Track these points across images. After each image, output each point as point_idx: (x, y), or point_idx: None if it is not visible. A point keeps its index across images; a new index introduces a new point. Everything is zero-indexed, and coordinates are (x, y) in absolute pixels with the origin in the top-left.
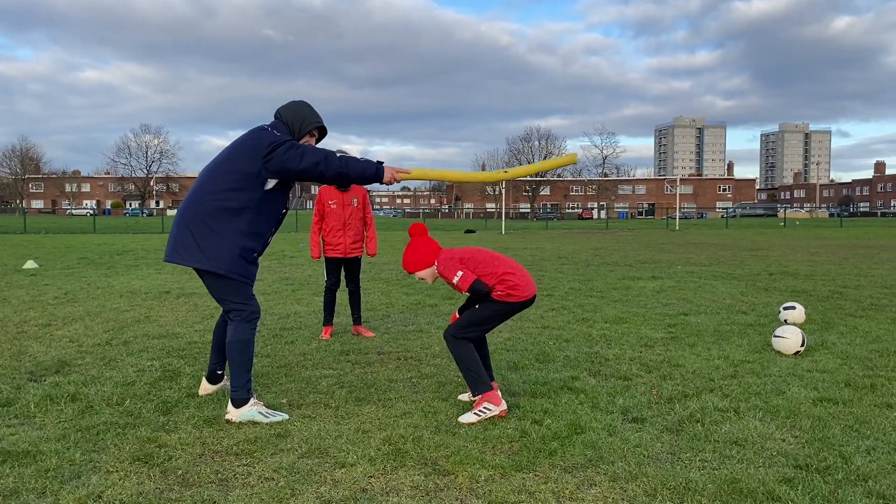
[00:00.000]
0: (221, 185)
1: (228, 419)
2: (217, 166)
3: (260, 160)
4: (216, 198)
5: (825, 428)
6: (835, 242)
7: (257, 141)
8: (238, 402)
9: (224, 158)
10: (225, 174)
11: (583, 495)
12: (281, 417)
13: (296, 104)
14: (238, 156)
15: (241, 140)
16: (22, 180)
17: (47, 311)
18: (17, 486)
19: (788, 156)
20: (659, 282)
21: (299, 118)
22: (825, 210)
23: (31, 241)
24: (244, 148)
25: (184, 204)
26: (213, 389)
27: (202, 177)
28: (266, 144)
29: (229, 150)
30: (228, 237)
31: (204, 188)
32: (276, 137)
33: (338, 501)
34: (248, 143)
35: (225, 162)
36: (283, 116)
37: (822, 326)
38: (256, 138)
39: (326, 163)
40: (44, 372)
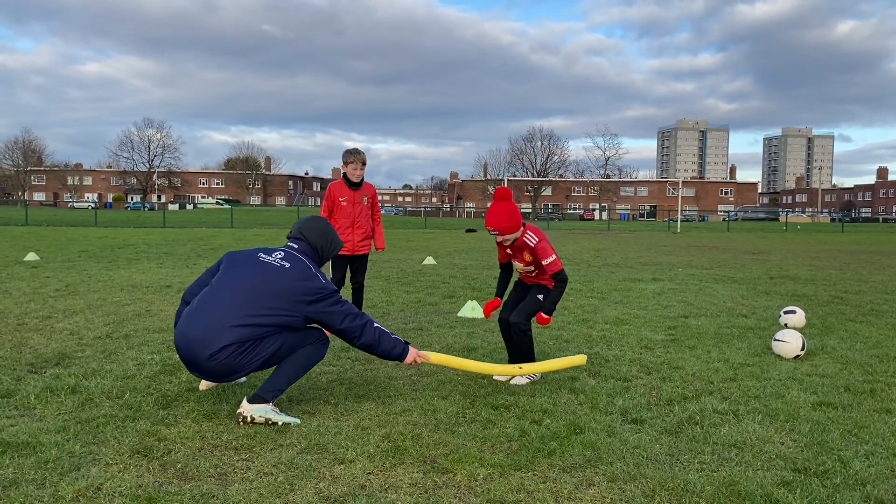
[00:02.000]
0: (254, 321)
1: (241, 413)
2: (262, 294)
3: (304, 306)
4: (249, 331)
5: (824, 432)
6: (836, 247)
7: (304, 285)
8: (257, 400)
9: (256, 293)
10: (260, 310)
11: (581, 495)
12: (292, 420)
13: (322, 227)
14: (284, 295)
15: (289, 275)
16: (24, 172)
17: (48, 304)
18: (16, 476)
19: (791, 160)
20: (660, 284)
21: (328, 242)
22: (827, 215)
23: (33, 234)
24: (288, 289)
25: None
26: (213, 385)
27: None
28: (313, 292)
29: (269, 278)
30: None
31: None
32: (322, 287)
33: (336, 497)
34: (293, 285)
35: (257, 297)
36: (310, 240)
37: (822, 331)
38: (303, 282)
39: (362, 332)
40: (44, 364)
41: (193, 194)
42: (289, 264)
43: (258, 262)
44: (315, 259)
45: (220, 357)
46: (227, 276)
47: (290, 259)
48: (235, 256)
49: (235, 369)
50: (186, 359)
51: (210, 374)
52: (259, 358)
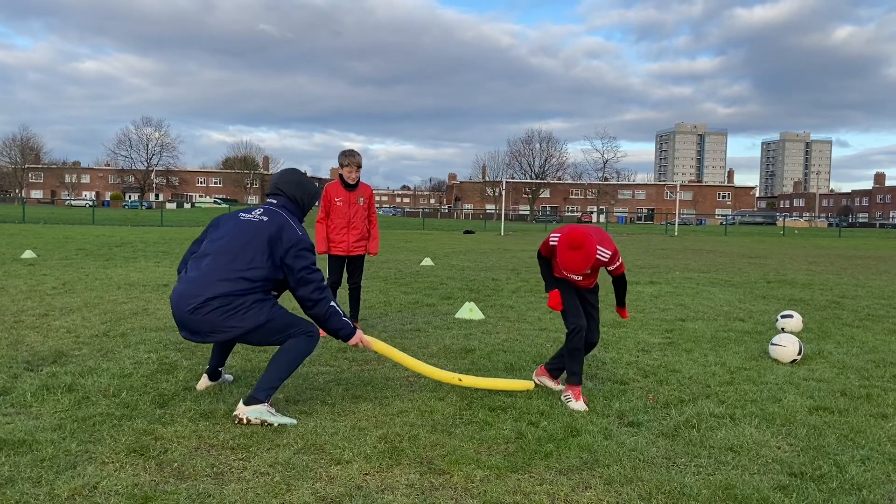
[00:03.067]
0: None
1: (236, 414)
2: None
3: (279, 252)
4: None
5: (820, 436)
6: (833, 252)
7: (279, 235)
8: (252, 402)
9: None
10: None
11: (577, 498)
12: (289, 421)
13: (298, 179)
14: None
15: (267, 227)
16: (22, 170)
17: (45, 301)
18: (12, 474)
19: (789, 165)
20: (657, 287)
21: (305, 193)
22: (824, 220)
23: (30, 231)
24: (266, 239)
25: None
26: (211, 385)
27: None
28: (288, 239)
29: (255, 233)
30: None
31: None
32: (301, 239)
33: (333, 498)
34: (271, 235)
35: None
36: (287, 193)
37: (819, 335)
38: (280, 231)
39: (317, 304)
40: (41, 362)
41: (191, 193)
42: (267, 218)
43: (239, 222)
44: (295, 212)
45: (203, 310)
46: (212, 239)
47: (268, 214)
48: (219, 220)
49: (217, 327)
50: (176, 317)
51: (193, 328)
52: (244, 323)
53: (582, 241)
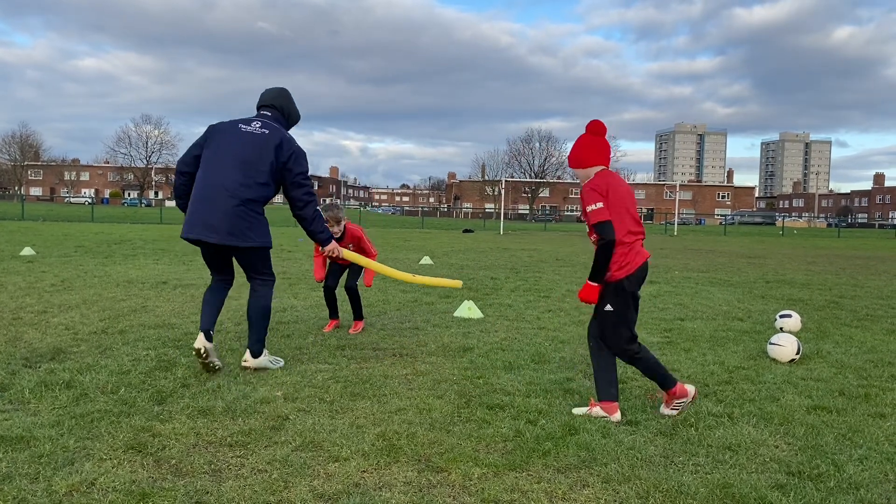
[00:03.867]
0: (258, 182)
1: (246, 366)
2: (252, 162)
3: (282, 159)
4: (257, 193)
5: (818, 436)
6: (832, 252)
7: (287, 142)
8: (256, 353)
9: (256, 153)
10: (261, 172)
11: (575, 496)
12: (279, 364)
13: (287, 96)
14: (269, 155)
15: (272, 139)
16: (21, 167)
17: (43, 299)
18: (10, 470)
19: (788, 165)
20: (656, 286)
21: (295, 112)
22: (823, 220)
23: (29, 228)
24: (276, 148)
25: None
26: (208, 345)
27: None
28: (290, 148)
29: (258, 145)
30: (265, 221)
31: (246, 180)
32: (298, 149)
33: (331, 495)
34: (281, 144)
35: (259, 160)
36: (279, 107)
37: (817, 335)
38: (285, 140)
39: (306, 205)
40: (39, 358)
41: None
42: (268, 131)
43: (244, 133)
44: (283, 123)
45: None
46: (216, 153)
47: (267, 127)
48: (216, 131)
49: (240, 231)
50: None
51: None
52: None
53: (598, 128)
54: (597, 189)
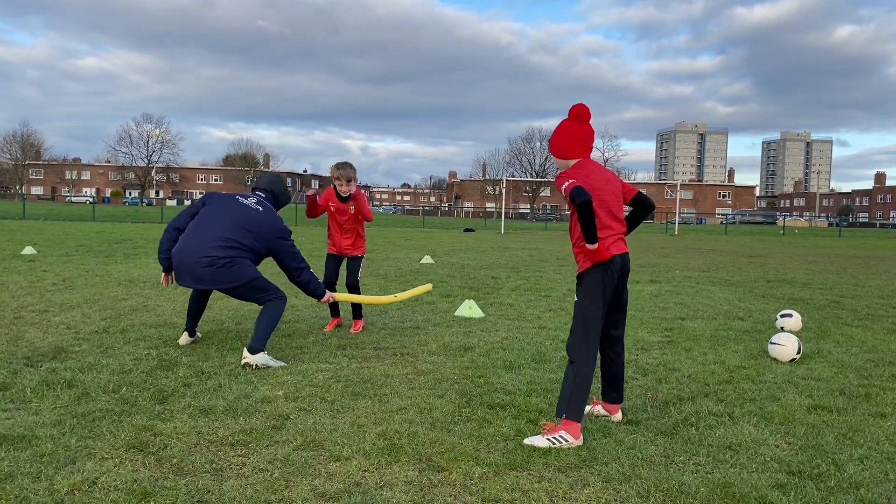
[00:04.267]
0: (242, 245)
1: (246, 362)
2: (242, 229)
3: (272, 240)
4: (238, 251)
5: (819, 435)
6: (833, 252)
7: (274, 227)
8: (255, 350)
9: (248, 224)
10: (244, 239)
11: (576, 495)
12: (281, 364)
13: (280, 183)
14: (256, 229)
15: (264, 218)
16: (22, 166)
17: (45, 298)
18: (11, 469)
19: (789, 164)
20: (657, 286)
21: (286, 197)
22: (824, 219)
23: (30, 227)
24: (264, 225)
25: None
26: (190, 341)
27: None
28: (280, 230)
29: (252, 220)
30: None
31: (226, 234)
32: (286, 229)
33: (332, 494)
34: (269, 223)
35: (247, 231)
36: (275, 192)
37: (818, 335)
38: (274, 224)
39: (302, 273)
40: (40, 358)
41: (192, 190)
42: (261, 209)
43: (239, 203)
44: (274, 205)
45: (206, 263)
46: (213, 210)
47: (261, 205)
48: (217, 197)
49: (217, 278)
50: (183, 267)
51: (199, 276)
52: (236, 278)
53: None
54: (569, 175)
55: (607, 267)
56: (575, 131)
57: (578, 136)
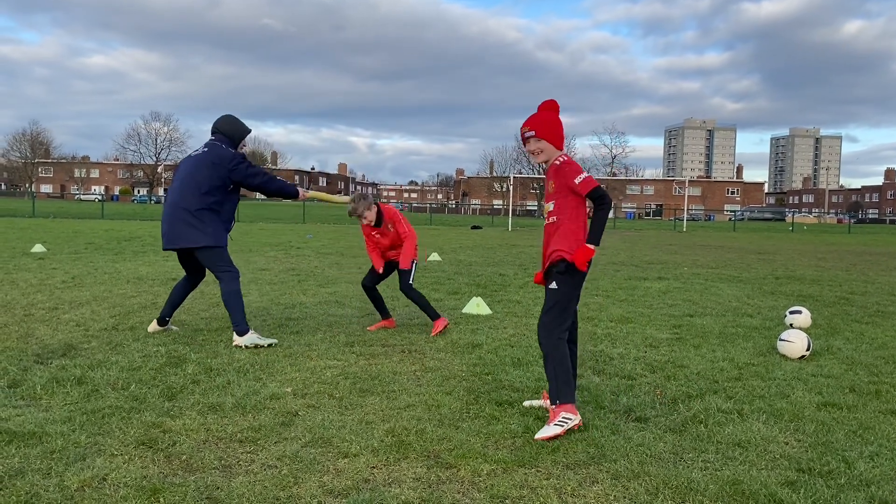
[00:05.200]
0: (200, 192)
1: (236, 345)
2: (193, 177)
3: (226, 172)
4: (199, 203)
5: (829, 432)
6: (842, 248)
7: (222, 158)
8: (241, 332)
9: (197, 172)
10: (200, 185)
11: (584, 492)
12: (271, 341)
13: (230, 119)
14: (208, 171)
15: (208, 157)
16: (32, 164)
17: (54, 295)
18: (22, 466)
19: (798, 160)
20: (665, 283)
21: (235, 127)
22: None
23: (40, 225)
24: (212, 164)
25: (172, 203)
26: (159, 329)
27: (182, 182)
28: (228, 160)
29: (199, 164)
30: (213, 225)
31: (186, 194)
32: (235, 155)
33: (340, 491)
34: (216, 160)
35: (198, 175)
36: (221, 130)
37: (827, 332)
38: (220, 156)
39: (271, 181)
40: (50, 355)
41: None
42: (207, 149)
43: (189, 158)
44: (228, 143)
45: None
46: (175, 177)
47: (208, 146)
48: (180, 162)
49: (182, 235)
50: (162, 231)
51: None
52: (201, 238)
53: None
54: (580, 168)
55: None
56: (560, 125)
57: (562, 129)
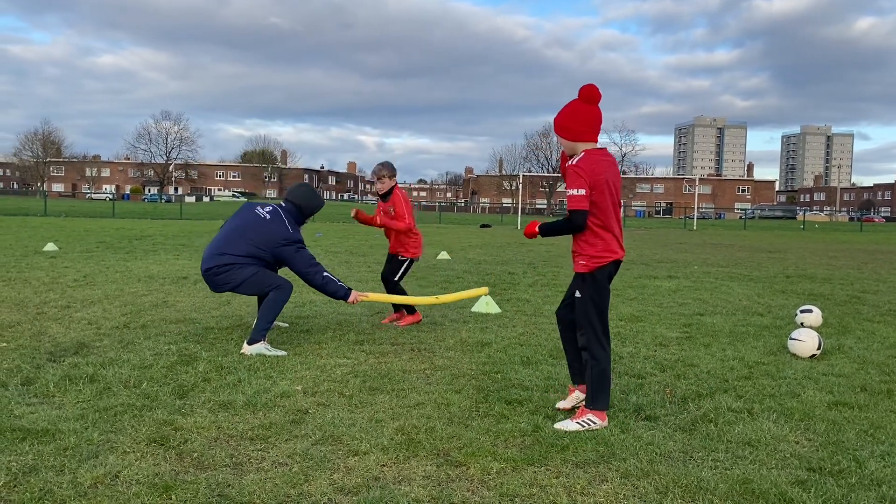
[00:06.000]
0: (243, 251)
1: (243, 353)
2: (244, 234)
3: (275, 247)
4: (235, 259)
5: (840, 432)
6: (854, 247)
7: (277, 234)
8: (252, 342)
9: (249, 230)
10: (246, 245)
11: (594, 491)
12: (280, 353)
13: (306, 193)
14: (257, 237)
15: (267, 225)
16: (43, 163)
17: (66, 293)
18: (36, 463)
19: (809, 158)
20: (675, 281)
21: (307, 201)
22: (845, 214)
23: (51, 224)
24: (266, 234)
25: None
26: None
27: (233, 232)
28: (282, 237)
29: (256, 225)
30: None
31: (231, 244)
32: (290, 236)
33: (351, 488)
34: (272, 231)
35: (248, 235)
36: (293, 201)
37: (838, 330)
38: (276, 232)
39: (314, 276)
40: (63, 353)
41: (210, 187)
42: (270, 217)
43: (251, 213)
44: (296, 216)
45: (211, 272)
46: (228, 221)
47: (273, 214)
48: (241, 208)
49: (218, 283)
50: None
51: (208, 283)
52: (233, 280)
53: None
54: (582, 175)
55: (612, 267)
56: (585, 113)
57: (588, 118)
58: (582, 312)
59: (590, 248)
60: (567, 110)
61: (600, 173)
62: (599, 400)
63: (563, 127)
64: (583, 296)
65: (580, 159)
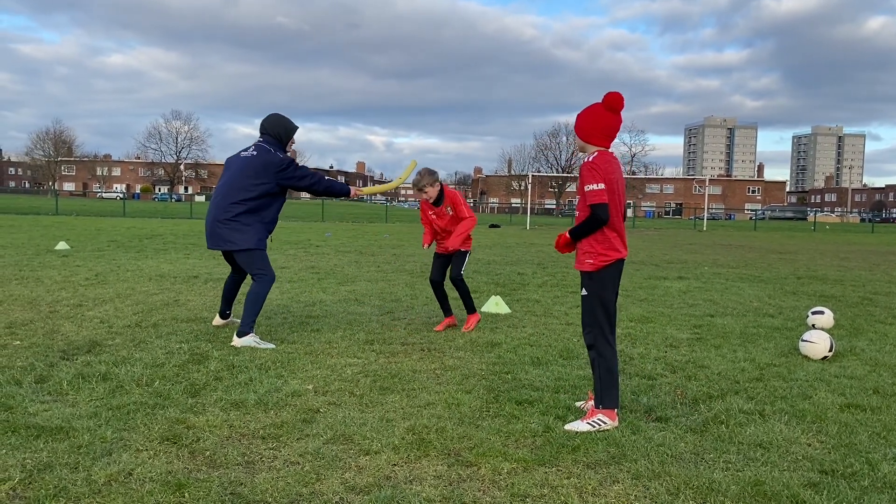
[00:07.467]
0: (245, 196)
1: (233, 345)
2: (239, 180)
3: (273, 177)
4: (242, 206)
5: (852, 434)
6: (866, 248)
7: (270, 163)
8: (241, 335)
9: (243, 174)
10: (246, 188)
11: (605, 491)
12: (268, 346)
13: (277, 120)
14: (254, 173)
15: (256, 161)
16: (55, 163)
17: (78, 292)
18: (50, 460)
19: (820, 159)
20: (685, 282)
21: (283, 128)
22: (857, 215)
23: (63, 223)
24: (260, 169)
25: (217, 204)
26: (223, 323)
27: (228, 184)
28: (276, 165)
29: (246, 167)
30: (254, 227)
31: (231, 196)
32: (283, 160)
33: (362, 488)
34: (263, 164)
35: (245, 178)
36: (271, 132)
37: (850, 332)
38: (269, 161)
39: (319, 182)
40: (76, 351)
41: None
42: (257, 153)
43: (239, 160)
44: (277, 145)
45: (223, 225)
46: (224, 176)
47: (258, 149)
48: (227, 162)
49: (226, 239)
50: (207, 230)
51: (212, 235)
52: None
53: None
54: (598, 171)
55: (619, 266)
56: (606, 119)
57: (607, 124)
58: (588, 310)
59: (597, 246)
60: (587, 111)
61: (612, 173)
62: (608, 398)
63: (579, 125)
64: (589, 293)
65: (595, 157)
